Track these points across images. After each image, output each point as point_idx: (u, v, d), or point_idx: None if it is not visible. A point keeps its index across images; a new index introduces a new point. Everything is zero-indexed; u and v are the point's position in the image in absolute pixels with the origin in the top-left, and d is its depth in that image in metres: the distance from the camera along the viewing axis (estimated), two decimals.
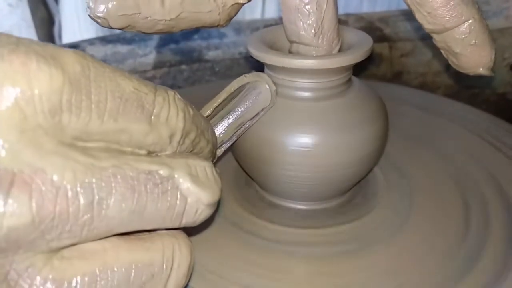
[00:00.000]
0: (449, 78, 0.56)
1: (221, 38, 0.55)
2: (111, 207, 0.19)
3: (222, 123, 0.29)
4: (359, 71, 0.53)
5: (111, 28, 0.27)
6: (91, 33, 0.61)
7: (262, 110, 0.30)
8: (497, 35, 0.56)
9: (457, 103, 0.45)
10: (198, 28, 0.29)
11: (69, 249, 0.19)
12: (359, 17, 0.58)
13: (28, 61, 0.17)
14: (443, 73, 0.56)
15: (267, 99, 0.29)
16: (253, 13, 0.64)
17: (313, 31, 0.29)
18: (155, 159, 0.20)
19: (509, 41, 0.56)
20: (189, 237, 0.23)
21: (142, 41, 0.54)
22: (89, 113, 0.18)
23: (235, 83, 0.30)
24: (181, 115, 0.21)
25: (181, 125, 0.21)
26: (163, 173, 0.20)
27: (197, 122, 0.23)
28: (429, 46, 0.31)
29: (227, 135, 0.29)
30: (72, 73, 0.18)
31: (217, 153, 0.29)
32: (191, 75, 0.54)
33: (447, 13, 0.30)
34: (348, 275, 0.27)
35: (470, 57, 0.31)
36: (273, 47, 0.31)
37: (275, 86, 0.30)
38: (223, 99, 0.30)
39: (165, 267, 0.21)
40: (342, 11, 0.59)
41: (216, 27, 0.30)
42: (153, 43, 0.54)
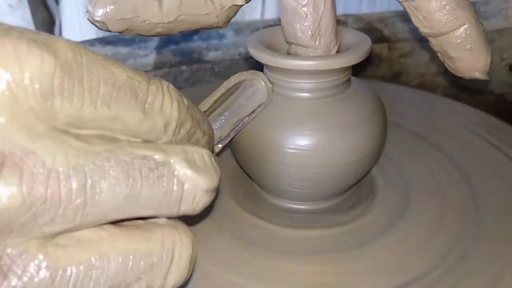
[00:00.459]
0: (448, 78, 0.56)
1: (221, 39, 0.55)
2: (105, 191, 0.18)
3: (219, 119, 0.30)
4: (358, 71, 0.53)
5: (110, 31, 0.27)
6: (92, 34, 0.61)
7: (259, 106, 0.30)
8: (496, 35, 0.56)
9: (456, 103, 0.45)
10: (196, 30, 0.29)
11: (64, 237, 0.19)
12: (358, 17, 0.58)
13: (19, 45, 0.17)
14: (442, 74, 0.56)
15: (264, 96, 0.30)
16: (252, 14, 0.65)
17: (310, 33, 0.29)
18: (150, 145, 0.20)
19: (508, 42, 0.56)
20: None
21: (142, 42, 0.54)
22: (82, 98, 0.18)
23: (232, 79, 0.30)
24: (175, 104, 0.21)
25: (175, 114, 0.21)
26: (158, 158, 0.19)
27: (192, 112, 0.22)
28: (427, 47, 0.32)
29: (225, 131, 0.30)
30: (64, 59, 0.18)
31: (216, 149, 0.29)
32: (191, 75, 0.54)
33: (442, 17, 0.30)
34: (347, 275, 0.28)
35: (465, 61, 0.31)
36: (272, 48, 0.31)
37: (271, 84, 0.30)
38: (221, 94, 0.30)
39: (165, 257, 0.20)
40: (341, 12, 0.60)
41: (214, 29, 0.30)
42: (153, 44, 0.54)
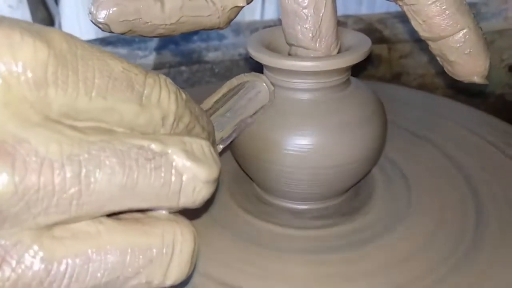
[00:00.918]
0: (448, 79, 0.56)
1: (220, 39, 0.55)
2: (100, 180, 0.18)
3: (221, 120, 0.30)
4: (358, 72, 0.53)
5: (113, 33, 0.27)
6: (91, 34, 0.61)
7: (261, 107, 0.30)
8: (496, 36, 0.56)
9: (456, 104, 0.45)
10: (198, 30, 0.30)
11: (60, 229, 0.19)
12: (358, 18, 0.58)
13: (12, 34, 0.17)
14: (442, 74, 0.56)
15: (266, 98, 0.30)
16: (252, 15, 0.65)
17: (311, 34, 0.29)
18: (147, 136, 0.20)
19: (508, 43, 0.57)
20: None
21: (142, 43, 0.54)
22: (76, 89, 0.18)
23: (235, 80, 0.31)
24: (173, 97, 0.21)
25: (173, 107, 0.21)
26: (155, 148, 0.19)
27: (190, 107, 0.22)
28: (427, 48, 0.32)
29: (226, 132, 0.30)
30: (58, 48, 0.18)
31: (217, 149, 0.29)
32: (190, 76, 0.54)
33: (442, 21, 0.30)
34: (347, 275, 0.28)
35: (464, 65, 0.31)
36: (272, 48, 0.31)
37: (273, 86, 0.30)
38: (223, 95, 0.30)
39: (165, 252, 0.20)
40: (341, 13, 0.59)
41: (216, 29, 0.30)
42: (153, 45, 0.54)
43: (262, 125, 0.30)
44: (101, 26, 0.26)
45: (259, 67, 0.31)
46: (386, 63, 0.56)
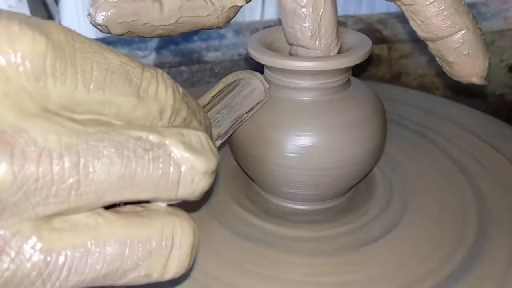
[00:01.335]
0: (448, 79, 0.56)
1: (220, 39, 0.56)
2: (98, 170, 0.18)
3: (218, 116, 0.30)
4: (358, 72, 0.54)
5: (112, 34, 0.27)
6: (91, 34, 0.61)
7: (257, 104, 0.30)
8: (496, 36, 0.56)
9: (456, 104, 0.45)
10: (197, 30, 0.30)
11: (59, 221, 0.19)
12: (358, 18, 0.58)
13: (10, 25, 0.17)
14: (442, 75, 0.56)
15: (262, 95, 0.30)
16: (252, 15, 0.65)
17: (310, 33, 0.29)
18: (145, 127, 0.20)
19: (508, 43, 0.57)
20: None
21: (141, 43, 0.54)
22: (75, 81, 0.18)
23: (231, 77, 0.31)
24: (170, 91, 0.21)
25: (170, 101, 0.21)
26: (153, 139, 0.19)
27: (187, 101, 0.22)
28: (427, 47, 0.32)
29: (223, 128, 0.30)
30: (56, 40, 0.18)
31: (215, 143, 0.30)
32: (190, 76, 0.54)
33: (440, 22, 0.30)
34: (347, 275, 0.28)
35: (463, 66, 0.31)
36: (272, 48, 0.31)
37: (268, 84, 0.30)
38: (219, 91, 0.30)
39: (164, 245, 0.20)
40: (341, 13, 0.59)
41: (215, 29, 0.30)
42: (152, 45, 0.54)
43: (262, 125, 0.30)
44: (100, 28, 0.27)
45: (260, 67, 0.31)
46: (386, 63, 0.56)
